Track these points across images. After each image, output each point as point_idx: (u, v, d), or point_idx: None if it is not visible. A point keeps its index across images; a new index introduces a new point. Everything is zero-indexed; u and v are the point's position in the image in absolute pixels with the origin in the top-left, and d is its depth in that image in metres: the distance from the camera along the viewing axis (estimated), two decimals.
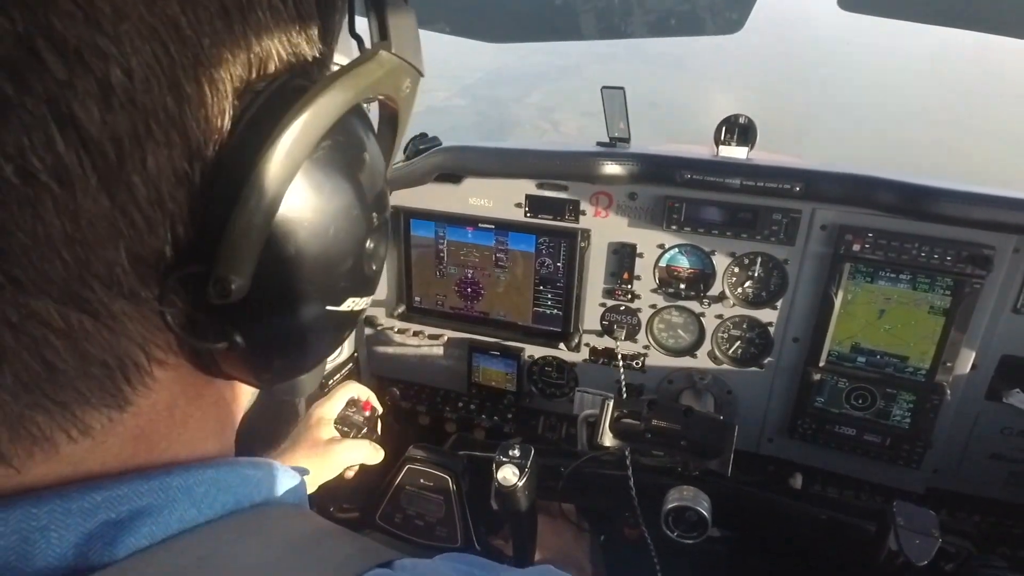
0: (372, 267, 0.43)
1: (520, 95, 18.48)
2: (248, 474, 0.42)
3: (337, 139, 0.37)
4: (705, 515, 1.28)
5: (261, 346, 0.38)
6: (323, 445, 1.27)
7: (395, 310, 1.88)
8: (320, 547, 0.41)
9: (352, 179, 0.38)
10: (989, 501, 1.59)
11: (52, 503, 0.32)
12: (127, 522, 0.34)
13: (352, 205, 0.38)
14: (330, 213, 0.37)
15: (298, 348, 0.42)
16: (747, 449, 1.72)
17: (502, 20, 1.41)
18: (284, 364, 0.43)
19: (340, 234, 0.38)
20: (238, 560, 0.37)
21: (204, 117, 0.32)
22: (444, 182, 1.69)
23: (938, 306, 1.44)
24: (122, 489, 0.34)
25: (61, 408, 0.31)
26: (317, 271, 0.37)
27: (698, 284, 1.63)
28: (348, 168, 0.38)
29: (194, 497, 0.38)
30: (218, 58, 0.32)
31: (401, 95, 0.43)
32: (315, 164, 0.35)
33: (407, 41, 0.42)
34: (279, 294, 0.37)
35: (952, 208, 1.35)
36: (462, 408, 1.97)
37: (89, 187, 0.28)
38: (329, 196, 0.36)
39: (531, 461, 1.26)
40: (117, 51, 0.27)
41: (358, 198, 0.39)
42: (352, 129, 0.39)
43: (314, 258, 0.37)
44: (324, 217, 0.36)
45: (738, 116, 1.54)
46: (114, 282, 0.30)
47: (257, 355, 0.39)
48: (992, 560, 1.15)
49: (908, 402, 1.53)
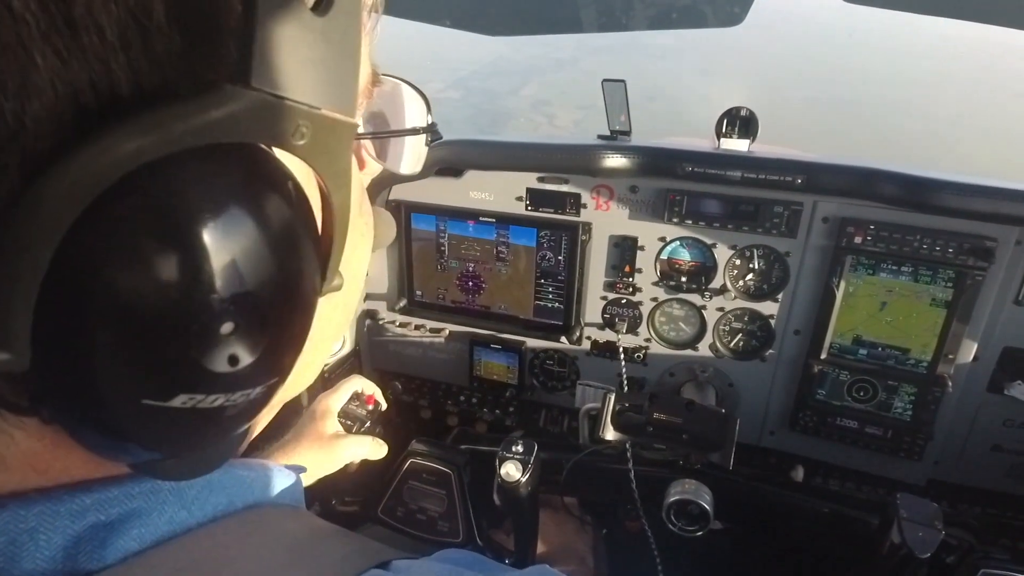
0: (224, 356, 0.31)
1: (515, 88, 18.42)
2: (241, 475, 0.42)
3: (148, 189, 0.28)
4: (707, 508, 1.28)
5: (81, 428, 0.32)
6: (327, 439, 1.27)
7: (396, 304, 1.88)
8: (316, 548, 0.41)
9: (157, 248, 0.28)
10: (990, 493, 1.59)
11: (41, 505, 0.32)
12: (116, 524, 0.34)
13: (165, 283, 0.28)
14: (124, 281, 0.28)
15: (130, 439, 0.32)
16: (749, 442, 1.72)
17: (503, 13, 1.41)
18: (129, 452, 0.34)
19: (136, 315, 0.28)
20: (232, 562, 0.37)
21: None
22: (445, 176, 1.69)
23: (940, 298, 1.44)
24: (112, 491, 0.34)
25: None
26: (104, 353, 0.29)
27: (699, 277, 1.63)
28: (151, 233, 0.28)
29: (184, 499, 0.37)
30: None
31: (292, 143, 0.32)
32: (109, 220, 0.27)
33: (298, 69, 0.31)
34: (69, 374, 0.29)
35: (954, 200, 1.34)
36: (464, 402, 1.97)
37: None
38: (117, 268, 0.28)
39: (534, 457, 1.26)
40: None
41: (174, 274, 0.28)
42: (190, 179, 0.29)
43: (100, 341, 0.28)
44: (109, 294, 0.28)
45: (739, 108, 1.54)
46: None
47: (84, 436, 0.32)
48: (993, 552, 1.15)
49: (910, 394, 1.53)
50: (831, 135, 13.49)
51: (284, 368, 0.36)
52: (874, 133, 14.25)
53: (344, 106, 0.35)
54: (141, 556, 0.34)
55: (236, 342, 0.31)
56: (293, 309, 0.35)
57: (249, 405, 0.35)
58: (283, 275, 0.33)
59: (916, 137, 14.74)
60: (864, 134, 13.90)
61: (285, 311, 0.34)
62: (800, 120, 13.91)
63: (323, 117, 0.33)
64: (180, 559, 0.35)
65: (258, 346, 0.32)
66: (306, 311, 0.36)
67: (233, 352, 0.31)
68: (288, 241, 0.33)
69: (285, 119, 0.32)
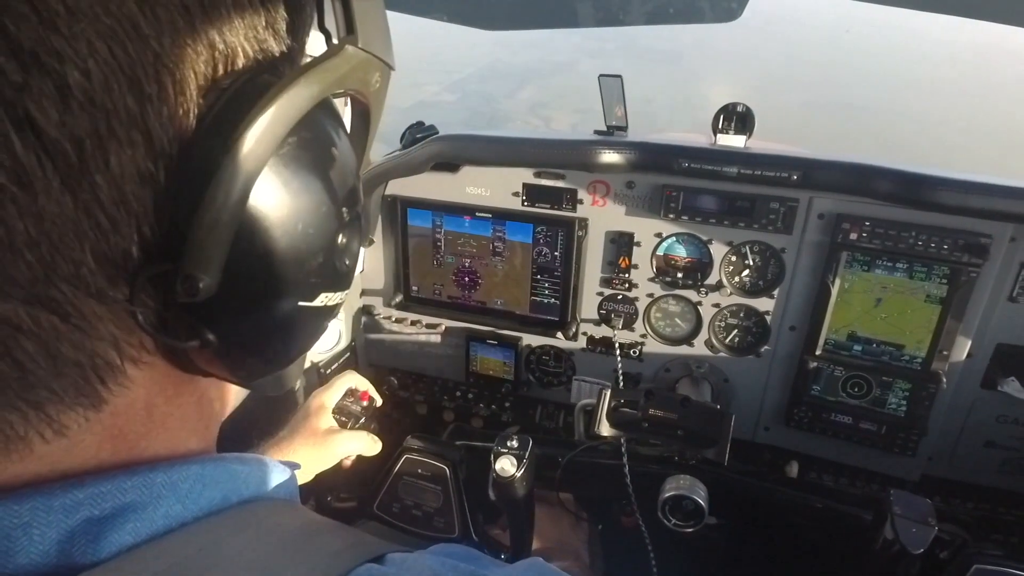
0: (345, 262, 0.42)
1: (512, 91, 18.39)
2: (235, 469, 0.42)
3: (303, 135, 0.36)
4: (702, 504, 1.29)
5: (234, 343, 0.38)
6: (321, 435, 1.27)
7: (392, 299, 1.88)
8: (311, 542, 0.41)
9: (320, 175, 0.38)
10: (983, 488, 1.60)
11: (34, 500, 0.32)
12: (111, 519, 0.34)
13: (321, 201, 0.38)
14: (298, 210, 0.36)
15: (273, 344, 0.41)
16: (744, 437, 1.73)
17: (498, 7, 1.40)
18: (260, 360, 0.42)
19: (310, 230, 0.37)
20: (227, 557, 0.37)
21: (167, 116, 0.31)
22: (441, 171, 1.68)
23: (934, 295, 1.45)
24: (105, 486, 0.34)
25: (35, 409, 0.31)
26: (287, 268, 0.37)
27: (695, 273, 1.63)
28: (315, 164, 0.37)
29: (179, 493, 0.37)
30: (180, 56, 0.31)
31: (371, 90, 0.43)
32: (281, 161, 0.35)
33: (375, 34, 0.41)
34: (249, 292, 0.36)
35: (949, 196, 1.35)
36: (460, 397, 1.97)
37: (51, 189, 0.28)
38: (297, 193, 0.36)
39: (529, 452, 1.26)
40: (73, 52, 0.27)
41: (327, 194, 0.38)
42: (319, 125, 0.38)
43: (284, 255, 0.36)
44: (292, 214, 0.36)
45: (736, 104, 1.53)
46: (81, 282, 0.30)
47: (231, 352, 0.38)
48: (986, 548, 1.16)
49: (904, 390, 1.54)
50: (827, 136, 13.52)
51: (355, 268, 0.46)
52: (870, 133, 14.29)
53: (391, 58, 0.45)
54: (135, 551, 0.34)
55: (347, 248, 0.42)
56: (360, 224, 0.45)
57: (337, 306, 0.44)
58: (360, 194, 0.44)
59: (913, 136, 14.79)
60: (860, 134, 13.93)
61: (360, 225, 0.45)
62: (797, 121, 13.93)
63: (386, 66, 0.43)
64: (173, 554, 0.35)
65: (353, 253, 0.43)
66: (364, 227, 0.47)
67: (346, 258, 0.42)
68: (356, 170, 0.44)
69: (372, 71, 0.42)
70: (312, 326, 0.43)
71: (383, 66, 0.42)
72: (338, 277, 0.41)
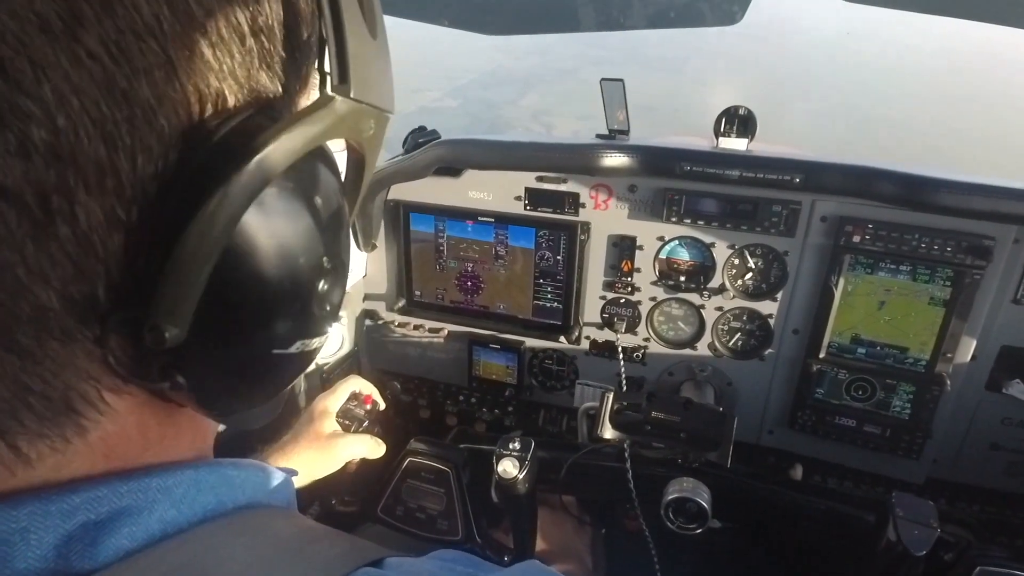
0: (325, 308, 0.41)
1: (514, 97, 18.39)
2: (230, 474, 0.42)
3: (285, 185, 0.35)
4: (705, 506, 1.28)
5: (207, 386, 0.37)
6: (325, 439, 1.27)
7: (395, 304, 1.88)
8: (307, 549, 0.41)
9: (301, 226, 0.37)
10: (988, 491, 1.59)
11: (31, 505, 0.32)
12: (107, 523, 0.34)
13: (300, 252, 0.37)
14: (275, 262, 0.35)
15: (246, 388, 0.41)
16: (747, 440, 1.72)
17: (500, 12, 1.41)
18: (234, 400, 0.41)
19: (286, 282, 0.36)
20: (223, 564, 0.37)
21: (143, 164, 0.30)
22: (443, 176, 1.69)
23: (938, 297, 1.44)
24: (101, 490, 0.34)
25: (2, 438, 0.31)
26: (260, 318, 0.36)
27: (698, 276, 1.63)
28: (296, 215, 0.36)
29: (174, 497, 0.37)
30: (159, 106, 0.30)
31: (364, 136, 0.41)
32: (260, 212, 0.33)
33: (371, 80, 0.39)
34: (220, 340, 0.36)
35: (952, 199, 1.35)
36: (463, 401, 1.97)
37: (14, 239, 0.27)
38: (274, 245, 0.35)
39: (531, 454, 1.26)
40: (40, 110, 0.27)
41: (307, 244, 0.37)
42: (304, 175, 0.37)
43: (258, 306, 0.36)
44: (269, 266, 0.35)
45: (738, 107, 1.54)
46: (44, 325, 0.30)
47: (205, 393, 0.38)
48: (991, 550, 1.15)
49: (908, 393, 1.53)
50: (831, 142, 13.52)
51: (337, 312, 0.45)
52: (877, 139, 14.29)
53: (391, 104, 0.44)
54: (131, 558, 0.34)
55: (327, 294, 0.40)
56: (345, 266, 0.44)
57: (317, 348, 0.44)
58: (346, 239, 0.43)
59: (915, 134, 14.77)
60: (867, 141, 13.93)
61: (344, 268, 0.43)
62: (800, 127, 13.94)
63: (382, 115, 0.42)
64: (169, 561, 0.35)
65: (335, 297, 0.42)
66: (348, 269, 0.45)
67: (327, 302, 0.41)
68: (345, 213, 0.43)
69: (366, 119, 0.40)
70: (288, 371, 0.42)
71: (378, 113, 0.41)
72: (315, 324, 0.41)
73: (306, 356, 0.42)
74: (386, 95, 0.42)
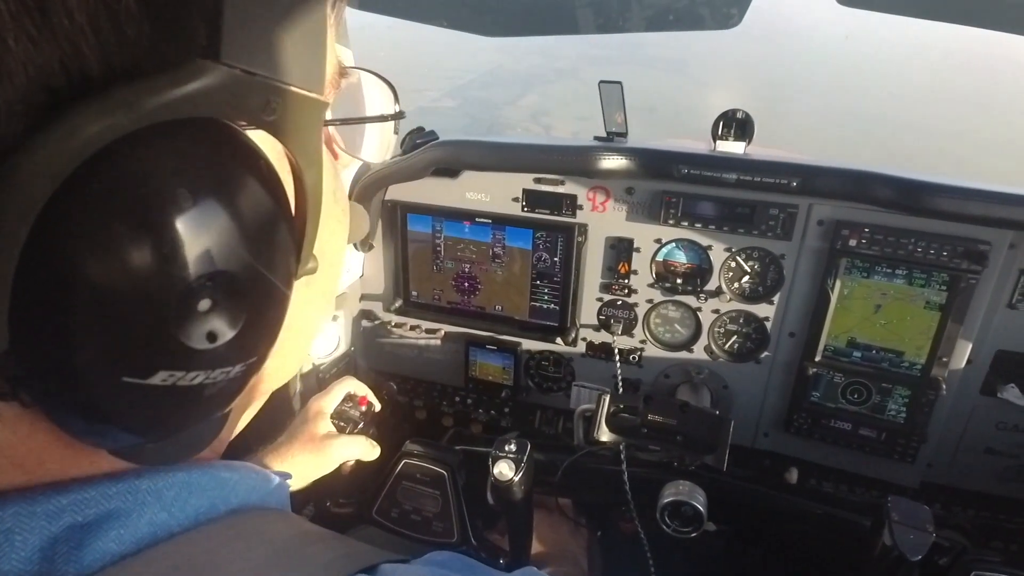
0: (202, 333, 0.32)
1: (513, 98, 18.38)
2: (223, 477, 0.41)
3: (112, 174, 0.28)
4: (701, 509, 1.28)
5: (61, 410, 0.32)
6: (320, 440, 1.27)
7: (392, 305, 1.88)
8: (302, 552, 0.41)
9: (134, 226, 0.29)
10: (983, 495, 1.60)
11: (17, 505, 0.32)
12: (94, 525, 0.33)
13: (144, 259, 0.29)
14: (100, 267, 0.28)
15: (116, 418, 0.33)
16: (743, 444, 1.72)
17: (499, 14, 1.41)
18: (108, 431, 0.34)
19: (120, 295, 0.29)
20: (216, 568, 0.36)
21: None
22: (441, 176, 1.69)
23: (934, 301, 1.45)
24: (89, 492, 0.34)
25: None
26: (88, 336, 0.29)
27: (695, 279, 1.63)
28: (129, 211, 0.29)
29: (164, 500, 0.37)
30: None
31: (262, 119, 0.33)
32: (86, 201, 0.28)
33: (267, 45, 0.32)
34: (50, 356, 0.30)
35: (948, 203, 1.35)
36: (459, 402, 1.97)
37: None
38: (98, 247, 0.28)
39: (527, 456, 1.26)
40: None
41: (158, 250, 0.29)
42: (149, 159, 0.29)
43: (82, 320, 0.29)
44: (93, 272, 0.28)
45: (735, 111, 1.54)
46: None
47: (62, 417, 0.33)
48: (986, 554, 1.16)
49: (903, 397, 1.54)
50: (831, 144, 13.54)
51: (262, 348, 0.37)
52: (874, 142, 14.31)
53: (313, 84, 0.36)
54: (122, 562, 0.34)
55: (213, 319, 0.32)
56: (269, 287, 0.35)
57: (228, 385, 0.35)
58: (256, 251, 0.33)
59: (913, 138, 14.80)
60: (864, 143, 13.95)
61: (261, 288, 0.35)
62: (799, 129, 13.96)
63: (293, 93, 0.34)
64: (162, 565, 0.35)
65: (236, 323, 0.33)
66: (281, 290, 0.37)
67: (211, 329, 0.32)
68: (259, 217, 0.34)
69: (255, 94, 0.32)
70: (165, 404, 0.34)
71: (284, 88, 0.33)
72: (188, 355, 0.32)
73: (192, 391, 0.33)
74: (302, 70, 0.35)
